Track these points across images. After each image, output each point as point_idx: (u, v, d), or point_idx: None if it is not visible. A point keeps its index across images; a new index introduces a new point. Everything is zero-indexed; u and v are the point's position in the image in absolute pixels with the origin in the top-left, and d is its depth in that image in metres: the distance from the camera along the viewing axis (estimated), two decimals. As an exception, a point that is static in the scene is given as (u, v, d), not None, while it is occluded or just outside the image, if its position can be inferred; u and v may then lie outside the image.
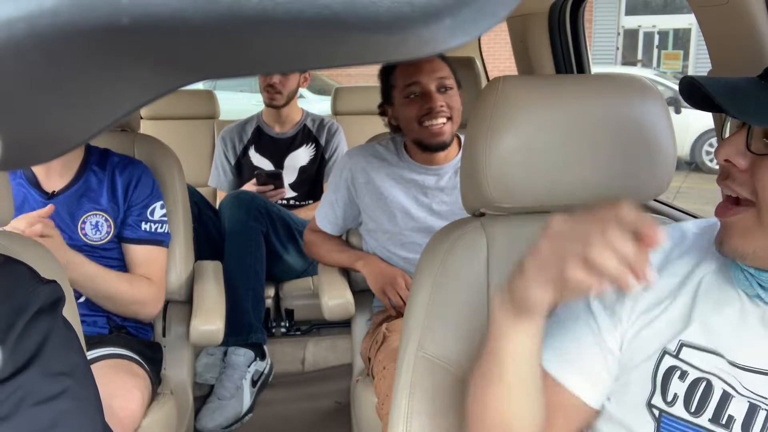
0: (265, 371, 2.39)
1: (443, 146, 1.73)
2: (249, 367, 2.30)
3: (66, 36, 0.15)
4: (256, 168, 2.70)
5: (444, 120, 1.70)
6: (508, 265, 1.04)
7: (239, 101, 7.02)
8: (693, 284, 0.78)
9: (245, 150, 2.78)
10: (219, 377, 2.29)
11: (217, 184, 2.81)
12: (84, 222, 1.63)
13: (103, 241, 1.65)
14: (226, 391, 2.23)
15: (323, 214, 1.91)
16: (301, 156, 2.76)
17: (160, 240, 1.72)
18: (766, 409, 0.70)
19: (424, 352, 1.00)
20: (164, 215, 1.73)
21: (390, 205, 1.77)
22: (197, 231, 2.01)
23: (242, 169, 2.77)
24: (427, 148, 1.74)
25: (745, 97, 0.67)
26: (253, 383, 2.32)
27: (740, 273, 0.73)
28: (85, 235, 1.63)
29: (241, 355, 2.28)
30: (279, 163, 2.74)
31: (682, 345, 0.75)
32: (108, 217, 1.65)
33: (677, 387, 0.74)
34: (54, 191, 1.62)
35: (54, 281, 0.77)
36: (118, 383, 1.40)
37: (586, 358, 0.80)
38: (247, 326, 2.28)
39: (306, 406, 2.33)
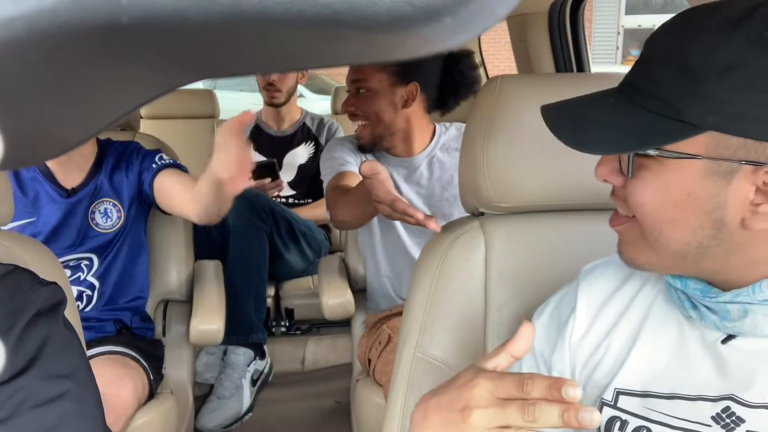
0: (265, 370, 2.40)
1: (364, 149, 1.71)
2: (249, 366, 2.30)
3: (65, 35, 0.15)
4: (256, 167, 2.70)
5: (361, 122, 1.68)
6: (507, 265, 1.04)
7: (239, 101, 7.02)
8: (634, 315, 0.75)
9: (244, 149, 2.78)
10: (219, 377, 2.29)
11: (217, 184, 2.81)
12: (93, 212, 1.58)
13: (115, 228, 1.61)
14: (226, 391, 2.23)
15: (334, 168, 1.70)
16: (300, 154, 2.76)
17: (179, 165, 1.63)
18: None
19: (421, 353, 1.00)
20: (172, 159, 1.65)
21: None
22: (197, 231, 2.01)
23: (241, 168, 2.76)
24: None
25: (590, 123, 0.63)
26: (253, 383, 2.32)
27: (674, 293, 0.69)
28: (97, 224, 1.59)
29: (241, 354, 2.28)
30: (278, 162, 2.74)
31: (618, 393, 0.73)
32: (116, 202, 1.60)
33: None
34: (73, 188, 1.58)
35: (54, 283, 0.77)
36: (110, 373, 1.41)
37: None
38: (248, 326, 2.27)
39: (306, 406, 2.33)
